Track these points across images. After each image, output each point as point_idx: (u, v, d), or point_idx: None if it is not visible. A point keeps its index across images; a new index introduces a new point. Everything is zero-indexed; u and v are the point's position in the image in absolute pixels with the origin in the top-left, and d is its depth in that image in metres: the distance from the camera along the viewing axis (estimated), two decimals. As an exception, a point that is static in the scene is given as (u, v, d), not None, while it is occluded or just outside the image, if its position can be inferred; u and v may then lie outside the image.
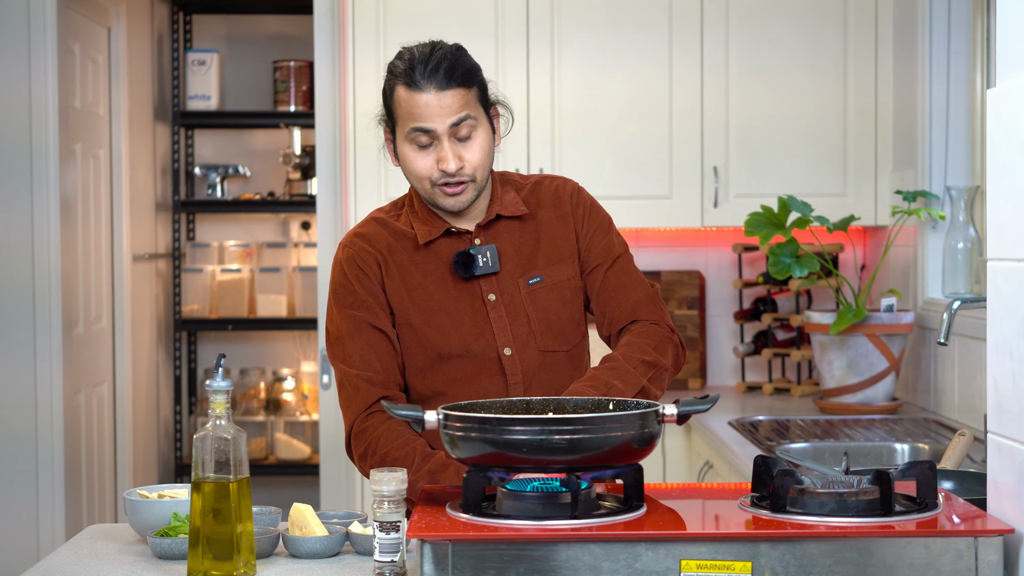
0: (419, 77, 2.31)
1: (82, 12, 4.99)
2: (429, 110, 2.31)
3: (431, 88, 2.31)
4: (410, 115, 2.33)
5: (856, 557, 1.73)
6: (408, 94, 2.32)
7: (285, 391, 5.95)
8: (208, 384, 2.00)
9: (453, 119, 2.32)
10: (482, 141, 2.37)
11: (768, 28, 4.25)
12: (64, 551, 2.20)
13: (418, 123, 2.33)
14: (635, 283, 2.49)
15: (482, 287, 2.42)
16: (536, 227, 2.47)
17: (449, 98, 2.32)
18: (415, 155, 2.36)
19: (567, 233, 2.48)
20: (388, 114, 2.40)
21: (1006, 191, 1.80)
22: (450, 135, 2.34)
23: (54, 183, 4.59)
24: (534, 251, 2.46)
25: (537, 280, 2.44)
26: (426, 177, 2.36)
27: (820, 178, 4.26)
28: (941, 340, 2.92)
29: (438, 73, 2.31)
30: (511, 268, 2.44)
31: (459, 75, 2.33)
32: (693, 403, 1.96)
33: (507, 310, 2.42)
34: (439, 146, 2.34)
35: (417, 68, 2.32)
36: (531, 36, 4.27)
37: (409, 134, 2.34)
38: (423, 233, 2.43)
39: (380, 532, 1.97)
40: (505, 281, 2.43)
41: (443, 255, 2.43)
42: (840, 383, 3.84)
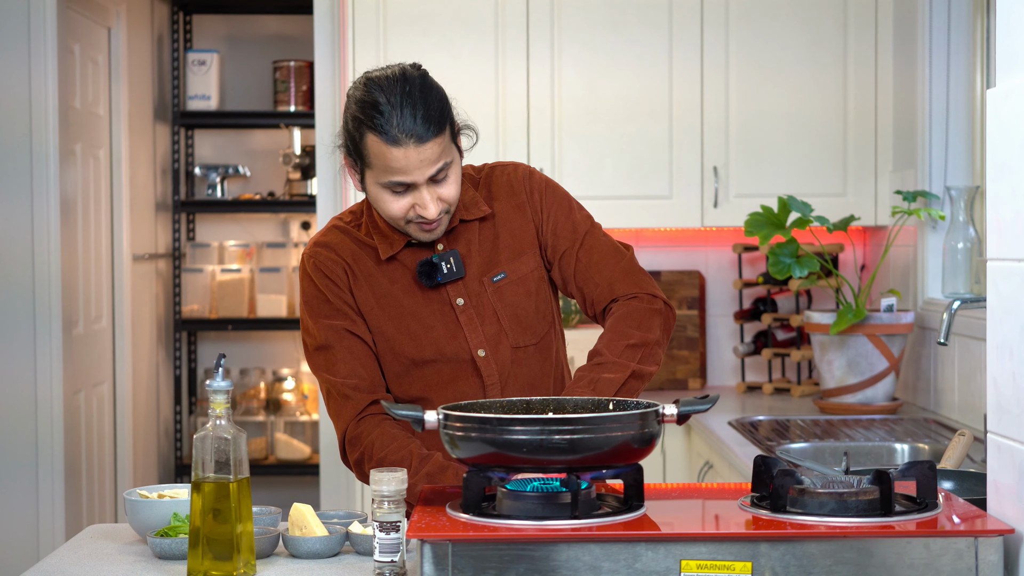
0: (396, 132, 2.21)
1: (82, 12, 4.99)
2: (408, 164, 2.24)
3: (409, 143, 2.22)
4: (386, 168, 2.25)
5: (856, 557, 1.73)
6: (383, 148, 2.23)
7: (285, 391, 5.95)
8: (208, 384, 2.00)
9: (432, 173, 2.26)
10: (456, 174, 2.32)
11: (768, 28, 4.25)
12: (64, 551, 2.20)
13: (396, 177, 2.26)
14: (607, 258, 2.43)
15: (449, 292, 2.41)
16: (494, 223, 2.44)
17: (428, 151, 2.23)
18: (390, 198, 2.30)
19: (525, 224, 2.45)
20: (356, 152, 2.30)
21: (1006, 191, 1.80)
22: (427, 182, 2.28)
23: (54, 183, 4.59)
24: (495, 247, 2.43)
25: (501, 276, 2.42)
26: (400, 217, 2.31)
27: (820, 178, 4.26)
28: (941, 340, 2.92)
29: (415, 122, 2.21)
30: (475, 269, 2.42)
31: (435, 121, 2.24)
32: (693, 403, 1.96)
33: (476, 312, 2.41)
34: (417, 192, 2.28)
35: (392, 119, 2.21)
36: (531, 36, 4.27)
37: (385, 183, 2.28)
38: (384, 249, 2.40)
39: (380, 532, 1.96)
40: (471, 283, 2.41)
41: (408, 263, 2.41)
42: (840, 383, 3.84)
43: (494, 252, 2.43)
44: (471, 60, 4.30)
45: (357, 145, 2.28)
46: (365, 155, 2.28)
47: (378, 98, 2.24)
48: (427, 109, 2.24)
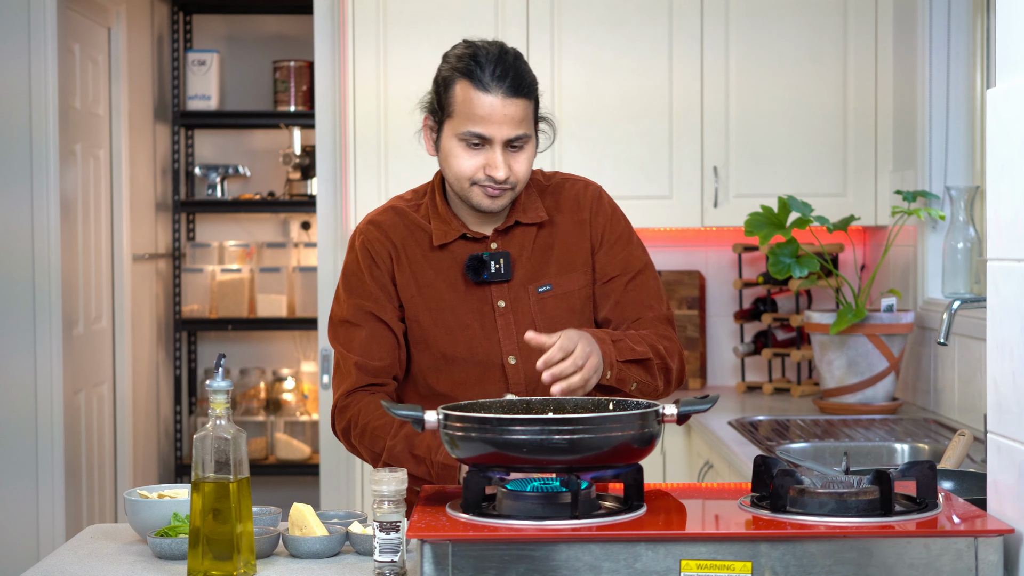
0: (488, 79, 2.26)
1: (82, 12, 4.99)
2: (492, 116, 2.26)
3: (498, 92, 2.26)
4: (469, 116, 2.28)
5: (856, 557, 1.73)
6: (473, 93, 2.27)
7: (285, 391, 5.95)
8: (208, 384, 2.00)
9: (512, 135, 2.28)
10: (529, 154, 2.34)
11: (768, 28, 4.25)
12: (64, 551, 2.21)
13: (477, 128, 2.28)
14: (650, 300, 2.45)
15: (492, 293, 2.39)
16: (552, 233, 2.43)
17: (513, 107, 2.27)
18: (463, 153, 2.31)
19: (582, 241, 2.44)
20: (438, 103, 2.34)
21: (1006, 191, 1.80)
22: (504, 144, 2.29)
23: (54, 183, 4.59)
24: (547, 258, 2.42)
25: (547, 288, 2.40)
26: (468, 176, 2.32)
27: (820, 178, 4.26)
28: (941, 340, 2.92)
29: (507, 79, 2.27)
30: (522, 275, 2.40)
31: (525, 86, 2.29)
32: (693, 403, 1.96)
33: (515, 317, 2.39)
34: (490, 151, 2.29)
35: (487, 68, 2.26)
36: (531, 36, 4.27)
37: (462, 134, 2.30)
38: (439, 234, 2.40)
39: (380, 532, 1.97)
40: (516, 288, 2.40)
41: (457, 256, 2.40)
42: (840, 383, 3.84)
43: (545, 263, 2.42)
44: (471, 60, 4.29)
45: (443, 96, 2.32)
46: (450, 103, 2.30)
47: (477, 51, 2.29)
48: (518, 73, 2.29)
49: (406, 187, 4.26)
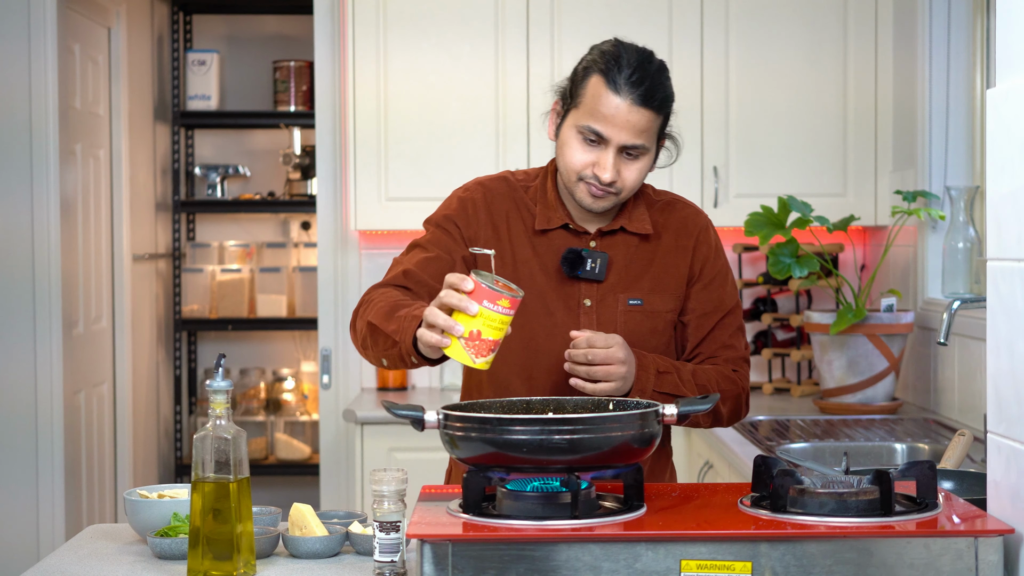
0: (622, 80, 2.25)
1: (82, 12, 4.99)
2: (615, 118, 2.26)
3: (627, 97, 2.25)
4: (592, 111, 2.27)
5: (856, 557, 1.73)
6: (603, 91, 2.26)
7: (285, 391, 5.95)
8: (208, 384, 2.00)
9: (629, 141, 2.27)
10: (642, 165, 2.32)
11: (768, 28, 4.26)
12: (64, 551, 2.21)
13: (596, 125, 2.27)
14: (735, 340, 2.45)
15: (581, 290, 2.37)
16: (653, 249, 2.41)
17: (637, 115, 2.26)
18: (577, 146, 2.30)
19: (681, 266, 2.42)
20: (571, 92, 2.34)
21: (1006, 191, 1.80)
22: (619, 148, 2.29)
23: (54, 183, 4.59)
24: (643, 273, 2.40)
25: (637, 303, 2.38)
26: (576, 170, 2.31)
27: (820, 178, 4.26)
28: (941, 340, 2.92)
29: (640, 87, 2.25)
30: (614, 281, 2.38)
31: (657, 99, 2.28)
32: (693, 403, 1.96)
33: (598, 319, 2.37)
34: (604, 151, 2.28)
35: (624, 71, 2.26)
36: (531, 36, 4.27)
37: (582, 127, 2.29)
38: (542, 219, 2.39)
39: (380, 532, 1.97)
40: (605, 293, 2.38)
41: (555, 244, 2.39)
42: (840, 383, 3.84)
43: (639, 276, 2.40)
44: (471, 60, 4.30)
45: (577, 84, 2.32)
46: (580, 94, 2.30)
47: (621, 52, 2.29)
48: (654, 86, 2.28)
49: (406, 187, 4.31)
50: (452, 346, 2.00)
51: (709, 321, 2.43)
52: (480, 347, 2.00)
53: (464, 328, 1.99)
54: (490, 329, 1.99)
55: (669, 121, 2.36)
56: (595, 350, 2.22)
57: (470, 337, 1.99)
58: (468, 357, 2.00)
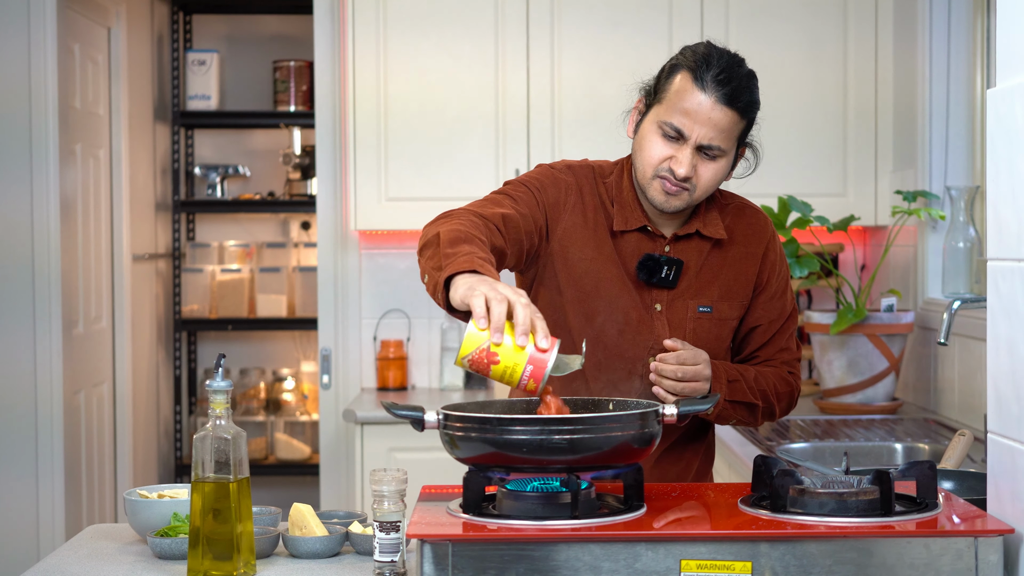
0: (708, 77, 2.25)
1: (82, 12, 4.99)
2: (698, 111, 2.24)
3: (712, 94, 2.24)
4: (675, 106, 2.27)
5: (856, 557, 1.73)
6: (688, 85, 2.26)
7: (285, 391, 5.95)
8: (208, 384, 2.00)
9: (707, 140, 2.25)
10: (719, 168, 2.29)
11: (768, 28, 4.25)
12: (64, 551, 2.21)
13: (676, 120, 2.26)
14: (791, 343, 2.47)
15: (654, 294, 2.36)
16: (723, 255, 2.40)
17: (720, 113, 2.25)
18: (656, 140, 2.29)
19: (749, 274, 2.41)
20: (656, 89, 2.33)
21: (1006, 191, 1.80)
22: (696, 146, 2.27)
23: (54, 183, 4.59)
24: (713, 279, 2.39)
25: (707, 310, 2.38)
26: (653, 165, 2.29)
27: (820, 178, 4.26)
28: (941, 340, 2.92)
29: (726, 86, 2.25)
30: (685, 287, 2.37)
31: (742, 102, 2.27)
32: (693, 403, 1.96)
33: (669, 325, 2.36)
34: (682, 147, 2.27)
35: (712, 68, 2.25)
36: (531, 36, 4.27)
37: (663, 122, 2.28)
38: (619, 220, 2.36)
39: (380, 532, 1.97)
40: (675, 298, 2.36)
41: (630, 246, 2.36)
42: (840, 383, 3.84)
43: (710, 283, 2.39)
44: (471, 60, 4.30)
45: (662, 81, 2.32)
46: (663, 89, 2.30)
47: (711, 52, 2.29)
48: (741, 88, 2.27)
49: (406, 187, 4.32)
50: (473, 337, 1.87)
51: (773, 328, 2.44)
52: (484, 365, 1.88)
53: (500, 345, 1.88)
54: (503, 372, 1.89)
55: (751, 130, 2.35)
56: (686, 367, 2.25)
57: (489, 352, 1.87)
58: (471, 354, 1.88)
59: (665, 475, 2.41)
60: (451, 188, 4.30)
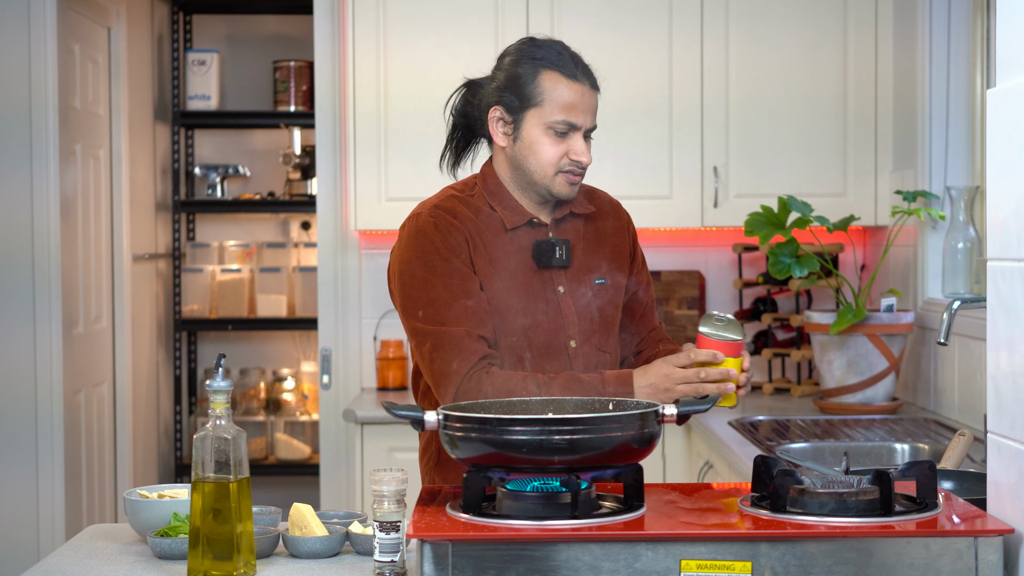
0: (576, 70, 2.39)
1: (82, 12, 4.99)
2: (583, 103, 2.38)
3: (585, 83, 2.40)
4: (559, 104, 2.38)
5: (856, 557, 1.74)
6: (564, 83, 2.38)
7: (285, 391, 5.95)
8: (208, 384, 2.00)
9: (592, 124, 2.42)
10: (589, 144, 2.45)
11: (768, 29, 4.25)
12: (64, 551, 2.21)
13: (568, 116, 2.38)
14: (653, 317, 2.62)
15: (554, 278, 2.45)
16: (597, 229, 2.53)
17: (593, 99, 2.42)
18: (549, 141, 2.40)
19: (624, 245, 2.55)
20: (518, 96, 2.41)
21: (1006, 191, 1.80)
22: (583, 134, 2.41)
23: (54, 183, 4.59)
24: (599, 253, 2.51)
25: (602, 281, 2.49)
26: (553, 163, 2.40)
27: (820, 178, 4.26)
28: (941, 340, 2.92)
29: (589, 72, 2.42)
30: (577, 264, 2.48)
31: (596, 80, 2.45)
32: (693, 403, 1.96)
33: (575, 303, 2.46)
34: (573, 139, 2.39)
35: (570, 63, 2.39)
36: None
37: (552, 122, 2.38)
38: (509, 219, 2.45)
39: (380, 532, 1.97)
40: (573, 277, 2.47)
41: (522, 241, 2.46)
42: (840, 383, 3.84)
43: (595, 256, 2.50)
44: (471, 60, 4.28)
45: (524, 87, 2.40)
46: (534, 94, 2.39)
47: (554, 47, 2.43)
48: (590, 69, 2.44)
49: (406, 187, 4.31)
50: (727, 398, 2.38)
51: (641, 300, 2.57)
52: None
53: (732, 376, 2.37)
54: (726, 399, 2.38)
55: None
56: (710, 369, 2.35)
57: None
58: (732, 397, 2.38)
59: None
60: (451, 188, 4.29)
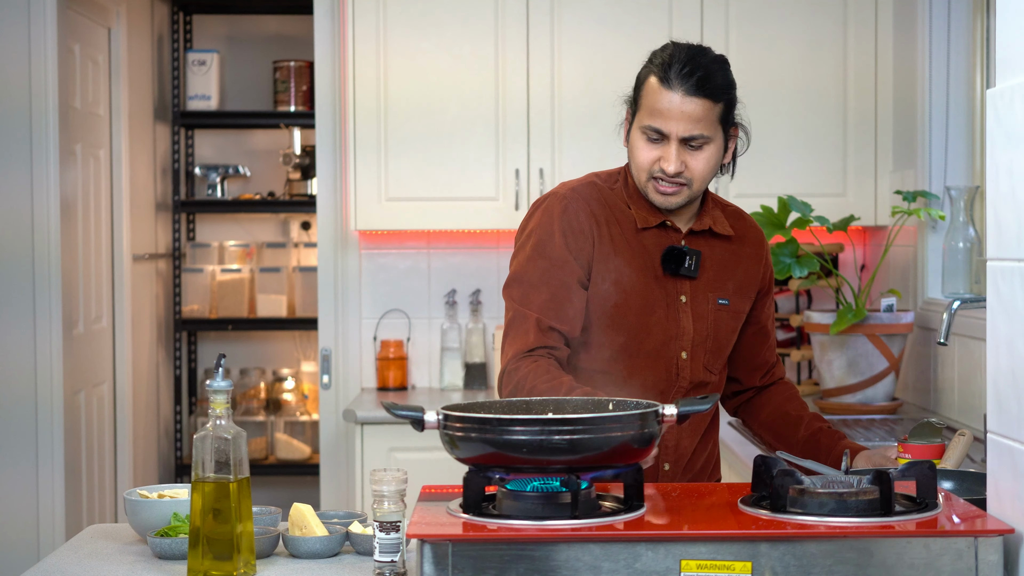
0: (672, 75, 2.34)
1: (82, 12, 4.99)
2: (670, 111, 2.34)
3: (679, 89, 2.34)
4: (650, 109, 2.37)
5: (856, 557, 1.73)
6: (656, 87, 2.36)
7: (285, 391, 5.95)
8: (208, 384, 2.00)
9: (686, 133, 2.35)
10: (710, 154, 2.39)
11: (768, 29, 4.25)
12: (64, 551, 2.21)
13: (654, 122, 2.36)
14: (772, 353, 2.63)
15: (678, 287, 2.45)
16: (734, 253, 2.51)
17: (691, 105, 2.34)
18: (642, 145, 2.40)
19: (756, 274, 2.54)
20: (634, 98, 2.44)
21: (1006, 191, 1.80)
22: (680, 141, 2.37)
23: (54, 183, 4.59)
24: (728, 275, 2.49)
25: (725, 303, 2.48)
26: (645, 169, 2.40)
27: (820, 178, 4.26)
28: (941, 340, 2.92)
29: (691, 78, 2.34)
30: (705, 281, 2.47)
31: (710, 88, 2.35)
32: (693, 403, 1.96)
33: (694, 317, 2.44)
34: (666, 145, 2.37)
35: (674, 65, 2.35)
36: (531, 36, 4.27)
37: (644, 127, 2.38)
38: (641, 218, 2.45)
39: (380, 532, 1.97)
40: (698, 291, 2.45)
41: (651, 244, 2.45)
42: (840, 383, 3.84)
43: (725, 278, 2.49)
44: (471, 60, 4.30)
45: (638, 89, 2.42)
46: (639, 97, 2.41)
47: (673, 51, 2.39)
48: (708, 75, 2.35)
49: (406, 187, 4.32)
50: None
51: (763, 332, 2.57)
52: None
53: None
54: None
55: (735, 109, 2.43)
56: None
57: None
58: None
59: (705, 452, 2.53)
60: (451, 188, 4.30)
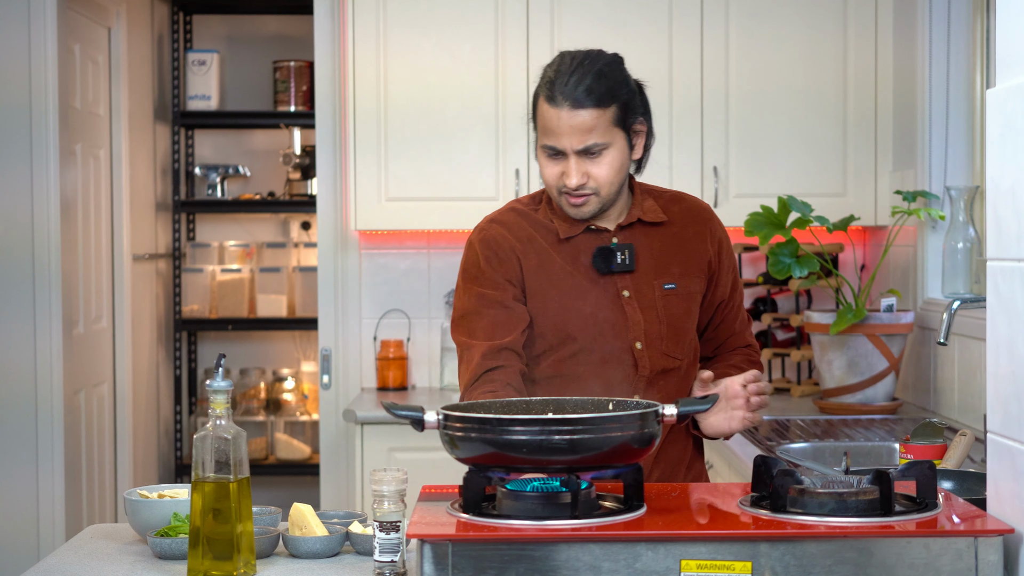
0: (556, 91, 2.34)
1: (82, 12, 4.99)
2: (560, 128, 2.34)
3: (564, 105, 2.33)
4: (544, 128, 2.38)
5: (856, 557, 1.73)
6: (544, 106, 2.37)
7: (285, 391, 5.95)
8: (208, 384, 2.00)
9: (580, 146, 2.35)
10: (612, 159, 2.38)
11: (768, 29, 4.25)
12: (64, 551, 2.21)
13: (549, 141, 2.37)
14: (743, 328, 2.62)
15: (617, 283, 2.45)
16: (674, 235, 2.50)
17: (579, 118, 2.33)
18: (545, 163, 2.41)
19: (703, 252, 2.52)
20: (533, 117, 2.45)
21: (1006, 191, 1.80)
22: (577, 153, 2.36)
23: (54, 183, 4.59)
24: (670, 259, 2.49)
25: (672, 287, 2.48)
26: (553, 185, 2.41)
27: (820, 178, 4.26)
28: (941, 340, 2.92)
29: (576, 90, 2.33)
30: (646, 270, 2.47)
31: (596, 95, 2.33)
32: (693, 403, 1.96)
33: (640, 307, 2.45)
34: (566, 160, 2.37)
35: (557, 81, 2.35)
36: (531, 36, 4.27)
37: (543, 147, 2.39)
38: (564, 229, 2.46)
39: (380, 532, 1.97)
40: (640, 282, 2.46)
41: (582, 249, 2.46)
42: (840, 383, 3.84)
43: (667, 262, 2.49)
44: (471, 60, 4.30)
45: (533, 109, 2.42)
46: (535, 116, 2.41)
47: (558, 65, 2.38)
48: (595, 82, 2.34)
49: (406, 187, 4.32)
50: None
51: (726, 307, 2.56)
52: None
53: None
54: None
55: (633, 106, 2.40)
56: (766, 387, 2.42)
57: None
58: None
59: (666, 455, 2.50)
60: (451, 188, 4.30)
